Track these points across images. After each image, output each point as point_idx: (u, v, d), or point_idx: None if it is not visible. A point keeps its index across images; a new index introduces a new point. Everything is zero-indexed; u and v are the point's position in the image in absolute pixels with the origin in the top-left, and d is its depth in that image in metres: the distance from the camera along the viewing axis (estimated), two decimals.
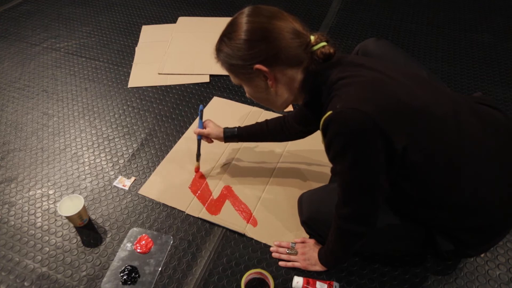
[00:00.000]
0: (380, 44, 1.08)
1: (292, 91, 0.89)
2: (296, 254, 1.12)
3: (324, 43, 0.84)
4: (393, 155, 0.77)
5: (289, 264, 1.11)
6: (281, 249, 1.14)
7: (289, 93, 0.90)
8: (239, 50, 0.83)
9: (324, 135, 0.81)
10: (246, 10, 0.84)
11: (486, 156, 0.84)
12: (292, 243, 1.15)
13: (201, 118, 1.32)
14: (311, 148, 1.48)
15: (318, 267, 1.09)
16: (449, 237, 0.91)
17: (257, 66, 0.82)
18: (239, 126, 1.29)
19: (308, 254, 1.10)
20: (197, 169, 1.39)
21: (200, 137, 1.32)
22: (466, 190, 0.83)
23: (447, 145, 0.81)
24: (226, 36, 0.85)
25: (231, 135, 1.28)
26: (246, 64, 0.84)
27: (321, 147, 1.47)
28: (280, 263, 1.12)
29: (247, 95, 0.95)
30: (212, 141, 1.34)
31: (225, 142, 1.30)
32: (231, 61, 0.86)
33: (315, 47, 0.83)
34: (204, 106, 1.70)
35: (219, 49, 0.88)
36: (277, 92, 0.89)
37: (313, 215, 1.08)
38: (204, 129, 1.30)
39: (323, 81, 0.84)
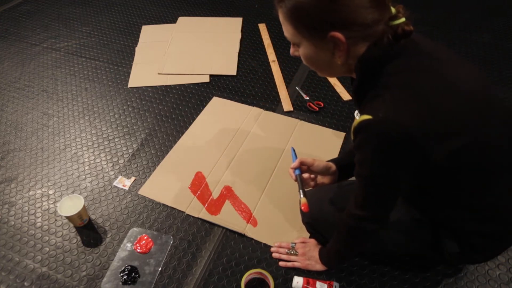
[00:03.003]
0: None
1: (350, 60, 0.77)
2: (296, 254, 1.12)
3: (403, 20, 0.72)
4: (427, 166, 0.74)
5: (289, 264, 1.11)
6: (281, 250, 1.14)
7: (349, 67, 0.79)
8: (316, 7, 0.70)
9: (356, 136, 0.75)
10: None
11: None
12: (292, 243, 1.15)
13: (295, 155, 1.10)
14: (311, 148, 1.48)
15: (319, 267, 1.09)
16: (459, 239, 0.90)
17: (334, 33, 0.71)
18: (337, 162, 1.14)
19: (309, 254, 1.10)
20: (305, 206, 1.01)
21: (299, 171, 1.07)
22: (495, 195, 0.82)
23: (484, 152, 0.77)
24: None
25: (340, 163, 1.11)
26: (319, 26, 0.72)
27: (321, 146, 1.49)
28: (280, 263, 1.12)
29: (299, 54, 0.82)
30: (315, 178, 1.13)
31: (340, 178, 1.13)
32: (301, 14, 0.73)
33: (395, 22, 0.72)
34: (204, 106, 1.70)
35: None
36: (341, 63, 0.77)
37: (315, 215, 1.07)
38: (303, 160, 1.07)
39: (380, 66, 0.74)
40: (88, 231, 1.24)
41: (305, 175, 1.08)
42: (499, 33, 2.16)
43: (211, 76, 1.89)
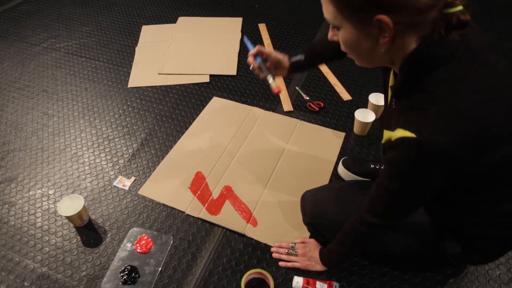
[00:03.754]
0: None
1: (397, 59, 0.71)
2: (296, 254, 1.12)
3: (460, 7, 0.64)
4: (457, 179, 0.73)
5: (289, 264, 1.11)
6: (281, 250, 1.14)
7: (390, 58, 0.72)
8: None
9: (391, 149, 0.71)
10: None
11: None
12: (292, 243, 1.15)
13: (251, 43, 1.04)
14: (311, 147, 1.48)
15: (319, 267, 1.09)
16: (463, 241, 0.90)
17: (381, 17, 0.63)
18: (302, 54, 1.07)
19: (309, 254, 1.10)
20: (278, 89, 1.01)
21: (260, 59, 1.03)
22: (510, 201, 0.81)
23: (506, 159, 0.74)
24: None
25: (297, 64, 1.05)
26: (366, 8, 0.64)
27: (321, 146, 1.49)
28: (280, 263, 1.12)
29: (338, 38, 0.75)
30: (273, 68, 1.07)
31: (289, 72, 1.08)
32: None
33: (450, 9, 0.64)
34: (204, 106, 1.70)
35: None
36: (386, 52, 0.70)
37: (317, 215, 1.07)
38: (261, 48, 1.02)
39: (429, 70, 0.67)
40: (88, 231, 1.24)
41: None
42: (499, 33, 2.16)
43: (211, 76, 1.89)
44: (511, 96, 0.70)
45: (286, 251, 1.13)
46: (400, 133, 0.67)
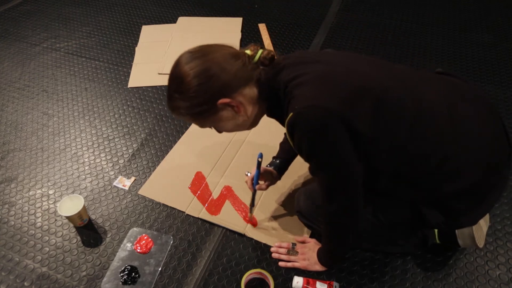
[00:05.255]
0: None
1: (256, 105, 0.90)
2: (296, 254, 1.12)
3: (260, 50, 0.86)
4: (360, 139, 0.79)
5: (289, 264, 1.11)
6: (281, 250, 1.14)
7: (255, 108, 0.90)
8: (197, 97, 0.83)
9: (292, 138, 0.83)
10: (180, 60, 0.85)
11: (449, 113, 0.84)
12: (292, 243, 1.15)
13: (258, 168, 1.10)
14: None
15: (318, 267, 1.09)
16: (437, 208, 0.90)
17: (221, 101, 0.83)
18: (276, 157, 1.23)
19: (308, 254, 1.10)
20: (252, 221, 1.23)
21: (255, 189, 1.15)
22: (437, 154, 0.83)
23: (412, 112, 0.82)
24: (176, 91, 0.85)
25: (280, 167, 1.21)
26: (209, 106, 0.84)
27: None
28: (280, 263, 1.12)
29: (221, 132, 0.96)
30: (268, 182, 1.21)
31: (280, 176, 1.22)
32: (194, 111, 0.86)
33: (256, 58, 0.86)
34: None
35: (174, 107, 0.88)
36: (246, 113, 0.89)
37: (309, 206, 1.10)
38: (263, 184, 1.17)
39: (277, 87, 0.85)
40: (88, 231, 1.24)
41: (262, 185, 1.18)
42: (499, 33, 2.16)
43: None
44: (357, 66, 0.86)
45: (286, 251, 1.13)
46: (286, 121, 0.80)
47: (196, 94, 0.83)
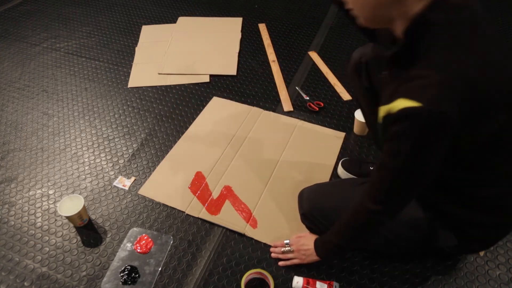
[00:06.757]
0: None
1: (398, 18, 0.69)
2: (292, 251, 1.11)
3: None
4: (454, 153, 0.71)
5: (288, 262, 1.11)
6: (277, 249, 1.14)
7: (393, 17, 0.69)
8: None
9: (395, 122, 0.67)
10: None
11: None
12: (286, 241, 1.13)
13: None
14: (311, 148, 1.48)
15: (313, 257, 1.05)
16: (457, 230, 0.89)
17: None
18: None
19: (303, 247, 1.08)
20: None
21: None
22: (503, 185, 0.80)
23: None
24: None
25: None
26: None
27: (321, 146, 1.49)
28: (280, 263, 1.12)
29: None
30: None
31: None
32: None
33: None
34: (204, 106, 1.70)
35: None
36: (391, 5, 0.68)
37: (314, 208, 1.07)
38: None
39: (431, 32, 0.65)
40: (88, 231, 1.24)
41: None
42: (499, 33, 2.16)
43: (211, 76, 1.89)
44: (509, 66, 0.70)
45: (282, 249, 1.13)
46: (403, 103, 0.64)
47: None
